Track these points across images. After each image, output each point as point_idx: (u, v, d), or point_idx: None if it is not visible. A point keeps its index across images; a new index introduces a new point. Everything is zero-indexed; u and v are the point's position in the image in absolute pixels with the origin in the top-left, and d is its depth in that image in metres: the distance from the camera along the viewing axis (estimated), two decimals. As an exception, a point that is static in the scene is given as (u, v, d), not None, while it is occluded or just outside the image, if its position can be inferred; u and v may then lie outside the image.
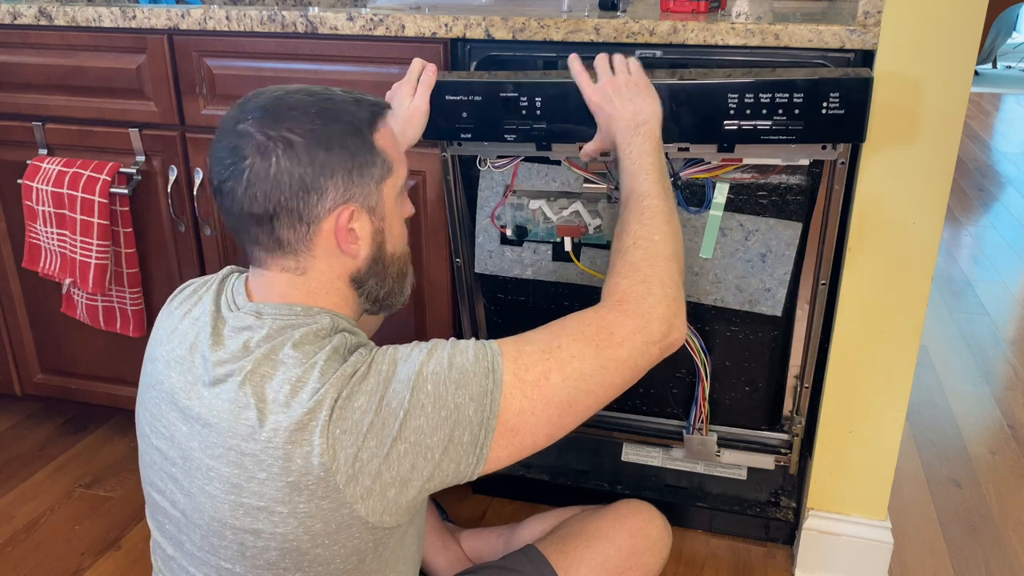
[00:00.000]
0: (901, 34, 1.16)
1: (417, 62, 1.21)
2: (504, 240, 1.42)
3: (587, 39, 1.27)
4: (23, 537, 1.60)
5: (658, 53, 1.27)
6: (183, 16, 1.43)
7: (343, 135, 0.88)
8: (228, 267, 1.01)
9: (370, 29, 1.36)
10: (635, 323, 0.93)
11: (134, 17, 1.46)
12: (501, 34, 1.30)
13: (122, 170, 1.57)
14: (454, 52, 1.35)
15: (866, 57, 1.21)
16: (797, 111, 1.13)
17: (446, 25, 1.32)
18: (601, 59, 1.15)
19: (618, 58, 1.15)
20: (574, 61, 1.16)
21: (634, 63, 1.14)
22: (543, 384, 0.88)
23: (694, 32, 1.23)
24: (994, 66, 6.87)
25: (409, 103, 1.18)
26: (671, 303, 0.96)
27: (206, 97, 1.50)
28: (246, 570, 0.88)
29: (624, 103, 1.10)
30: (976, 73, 5.81)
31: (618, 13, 1.37)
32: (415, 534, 0.98)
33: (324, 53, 1.41)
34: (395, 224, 0.96)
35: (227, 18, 1.41)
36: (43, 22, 1.51)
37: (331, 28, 1.37)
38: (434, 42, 1.34)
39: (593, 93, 1.13)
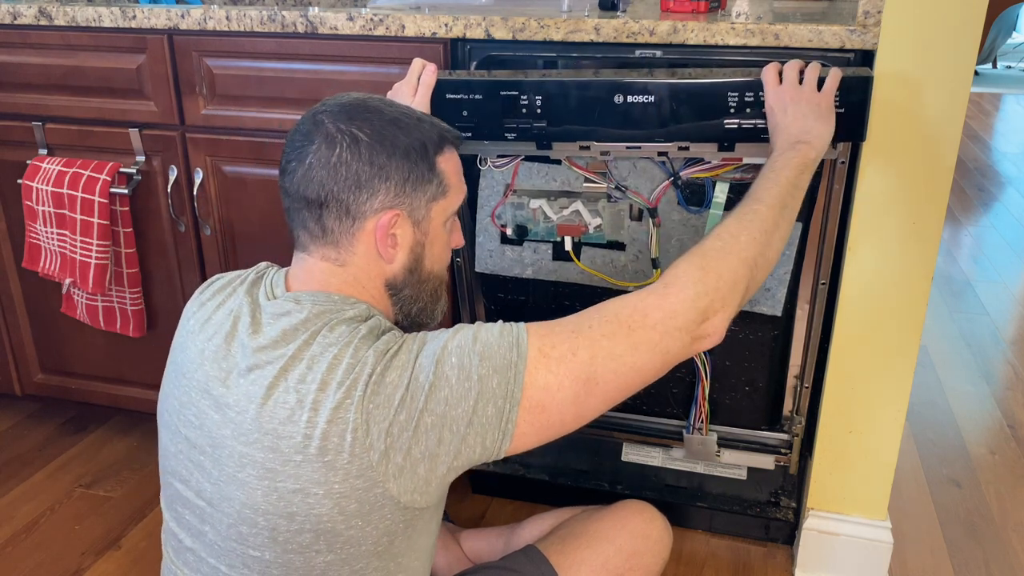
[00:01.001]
0: (901, 34, 1.16)
1: (417, 62, 1.22)
2: (504, 239, 1.42)
3: (587, 39, 1.27)
4: (23, 537, 1.60)
5: (658, 53, 1.27)
6: (183, 16, 1.43)
7: (408, 147, 0.92)
8: (264, 263, 1.03)
9: (370, 29, 1.36)
10: (672, 307, 0.90)
11: (134, 17, 1.46)
12: (501, 34, 1.30)
13: (122, 170, 1.57)
14: (454, 52, 1.35)
15: (866, 57, 1.21)
16: None
17: (446, 25, 1.32)
18: (793, 66, 1.12)
19: (812, 70, 1.11)
20: (770, 68, 1.12)
21: (830, 82, 1.10)
22: (570, 359, 0.87)
23: (694, 32, 1.23)
24: (994, 66, 6.87)
25: (410, 104, 1.18)
26: (716, 299, 0.92)
27: (206, 97, 1.50)
28: (276, 555, 0.89)
29: (796, 119, 1.08)
30: (976, 73, 5.81)
31: (618, 13, 1.37)
32: (438, 521, 0.99)
33: (324, 53, 1.41)
34: (437, 245, 0.98)
35: (227, 18, 1.41)
36: (43, 22, 1.51)
37: (331, 28, 1.37)
38: (434, 42, 1.34)
39: (772, 96, 1.11)
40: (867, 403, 1.37)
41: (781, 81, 1.11)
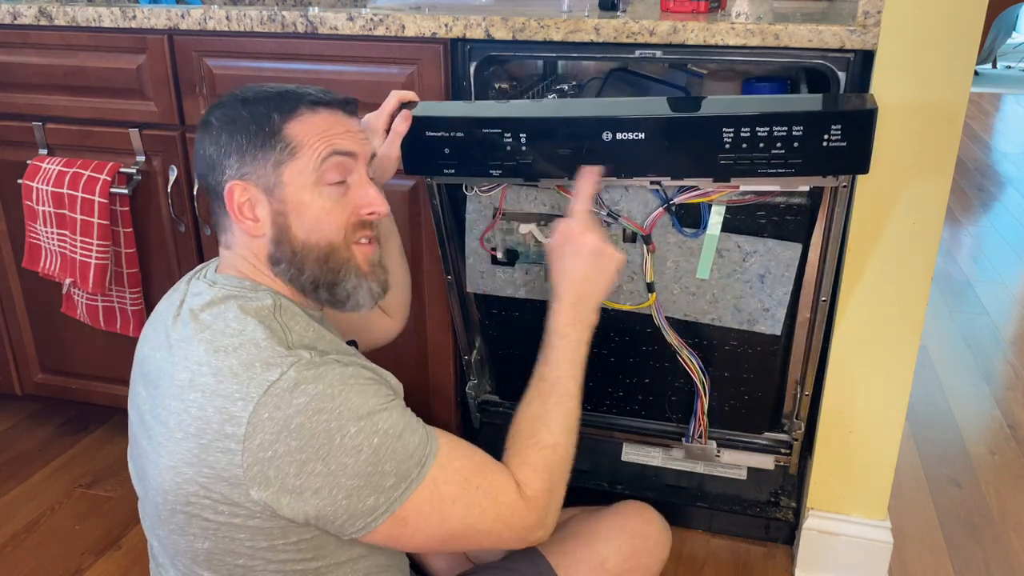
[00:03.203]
0: (901, 34, 1.16)
1: (393, 96, 1.18)
2: (495, 260, 1.37)
3: (587, 39, 1.27)
4: (23, 537, 1.60)
5: (658, 53, 1.27)
6: (183, 16, 1.43)
7: (250, 119, 0.93)
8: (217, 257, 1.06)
9: (370, 29, 1.36)
10: (531, 520, 0.96)
11: (134, 17, 1.46)
12: (501, 34, 1.30)
13: (122, 170, 1.57)
14: (454, 52, 1.35)
15: (866, 57, 1.21)
16: (796, 144, 1.07)
17: (446, 25, 1.32)
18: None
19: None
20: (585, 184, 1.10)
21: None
22: (448, 504, 0.90)
23: (694, 32, 1.23)
24: (994, 66, 6.87)
25: (379, 144, 1.15)
26: (557, 513, 1.00)
27: (206, 97, 1.50)
28: (166, 535, 0.94)
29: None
30: (976, 73, 5.81)
31: (618, 13, 1.37)
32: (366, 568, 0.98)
33: (324, 53, 1.41)
34: (308, 211, 0.93)
35: (227, 18, 1.41)
36: (43, 22, 1.51)
37: (331, 28, 1.37)
38: (434, 42, 1.34)
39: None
40: (867, 403, 1.37)
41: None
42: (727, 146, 1.09)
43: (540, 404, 1.03)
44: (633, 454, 1.60)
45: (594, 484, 1.61)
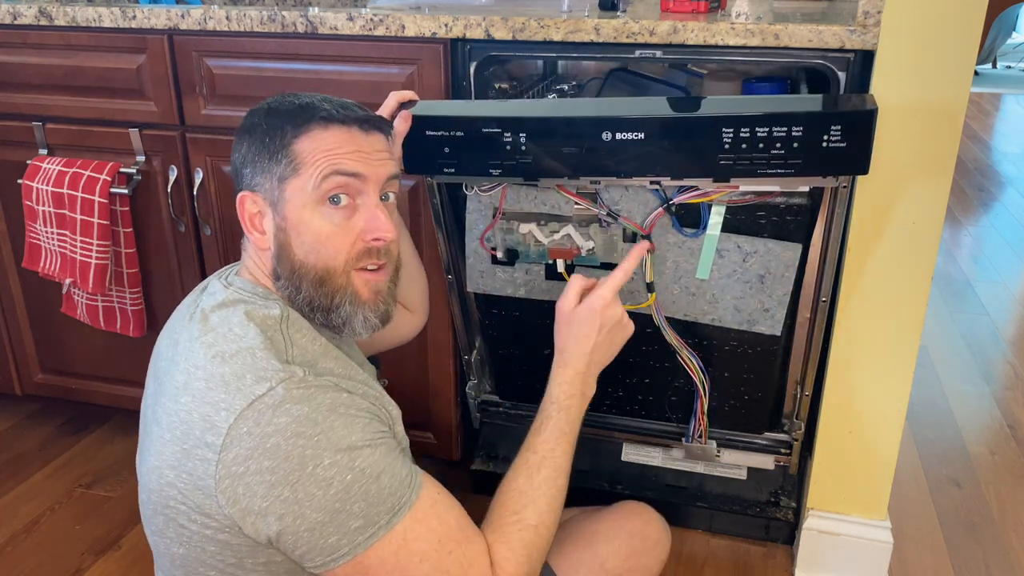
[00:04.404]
0: (901, 34, 1.16)
1: (392, 96, 1.18)
2: (495, 260, 1.37)
3: (587, 39, 1.27)
4: (23, 537, 1.60)
5: (658, 53, 1.27)
6: (183, 16, 1.43)
7: (266, 131, 0.93)
8: None
9: (370, 29, 1.36)
10: None
11: (134, 17, 1.46)
12: (501, 34, 1.30)
13: (122, 170, 1.57)
14: (454, 52, 1.35)
15: (866, 57, 1.21)
16: (796, 144, 1.07)
17: (446, 25, 1.32)
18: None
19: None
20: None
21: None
22: (415, 562, 0.86)
23: (694, 32, 1.23)
24: (994, 66, 6.87)
25: None
26: None
27: (206, 97, 1.50)
28: (150, 534, 0.95)
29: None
30: (976, 73, 5.81)
31: (618, 13, 1.37)
32: None
33: (324, 53, 1.41)
34: (308, 231, 0.92)
35: (227, 18, 1.41)
36: (43, 22, 1.52)
37: (331, 28, 1.37)
38: (434, 42, 1.34)
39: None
40: (867, 403, 1.37)
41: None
42: (727, 146, 1.09)
43: (527, 479, 0.99)
44: (633, 454, 1.60)
45: (594, 484, 1.61)
